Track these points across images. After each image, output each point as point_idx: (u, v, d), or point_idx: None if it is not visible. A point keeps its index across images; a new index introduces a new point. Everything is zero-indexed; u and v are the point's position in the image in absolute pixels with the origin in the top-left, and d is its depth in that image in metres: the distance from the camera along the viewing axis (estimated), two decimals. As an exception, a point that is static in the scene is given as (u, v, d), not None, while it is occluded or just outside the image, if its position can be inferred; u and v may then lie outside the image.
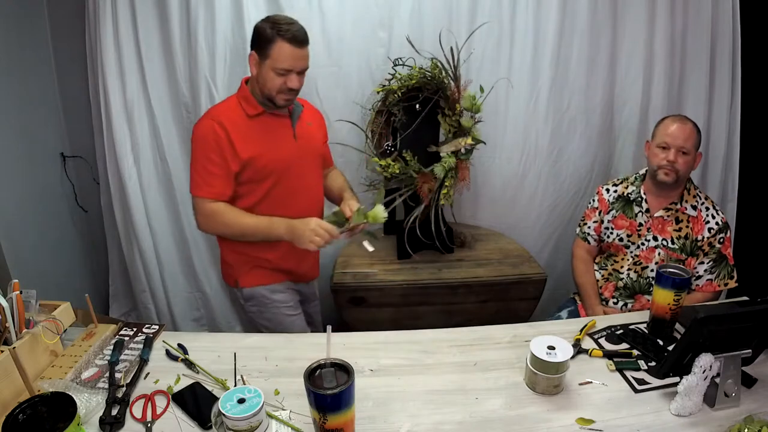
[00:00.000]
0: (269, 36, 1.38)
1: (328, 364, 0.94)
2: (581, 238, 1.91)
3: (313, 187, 1.65)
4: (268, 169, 1.50)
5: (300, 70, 1.44)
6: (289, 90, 1.44)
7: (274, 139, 1.52)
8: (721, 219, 1.64)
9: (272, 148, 1.50)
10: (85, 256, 2.57)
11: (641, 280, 1.73)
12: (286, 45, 1.38)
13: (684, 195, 1.67)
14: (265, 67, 1.41)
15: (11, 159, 2.06)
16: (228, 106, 1.52)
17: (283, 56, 1.39)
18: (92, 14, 2.09)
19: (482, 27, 2.11)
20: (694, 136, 1.61)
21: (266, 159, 1.49)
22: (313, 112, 1.71)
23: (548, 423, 1.05)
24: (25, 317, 1.14)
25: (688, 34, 2.21)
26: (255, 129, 1.49)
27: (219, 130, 1.44)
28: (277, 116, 1.53)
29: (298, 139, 1.56)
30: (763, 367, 1.18)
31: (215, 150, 1.45)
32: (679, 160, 1.60)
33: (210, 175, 1.47)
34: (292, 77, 1.42)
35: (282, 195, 1.54)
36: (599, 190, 1.86)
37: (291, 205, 1.55)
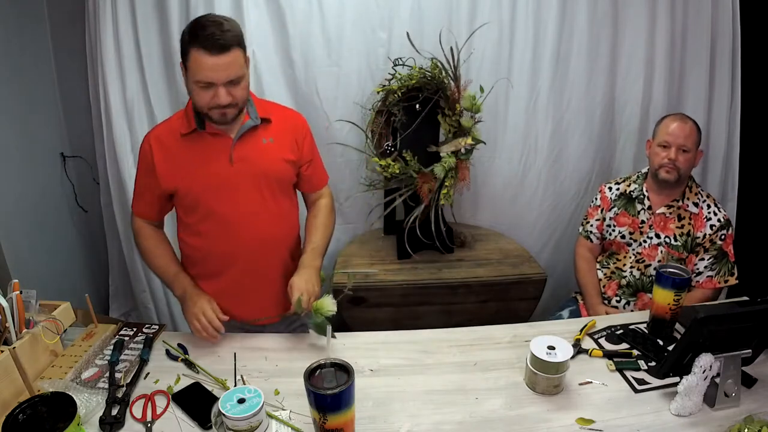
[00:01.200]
0: (185, 43, 1.17)
1: (328, 364, 0.94)
2: (584, 236, 1.92)
3: (260, 216, 1.36)
4: (192, 199, 1.32)
5: (226, 81, 1.18)
6: (221, 106, 1.21)
7: (202, 163, 1.30)
8: (723, 216, 1.65)
9: (198, 175, 1.30)
10: (85, 256, 2.57)
11: (644, 278, 1.74)
12: (200, 53, 1.14)
13: (686, 192, 1.68)
14: (189, 81, 1.21)
15: (11, 159, 2.06)
16: (169, 122, 1.37)
17: (198, 67, 1.15)
18: (92, 14, 2.09)
19: (482, 27, 2.11)
20: (695, 134, 1.62)
21: (189, 188, 1.31)
22: (287, 125, 1.41)
23: (548, 423, 1.05)
24: (25, 317, 1.14)
25: (688, 34, 2.21)
26: (183, 151, 1.30)
27: (147, 149, 1.32)
28: (214, 135, 1.30)
29: (235, 162, 1.30)
30: (763, 367, 1.18)
31: (143, 169, 1.35)
32: (679, 158, 1.61)
33: (138, 193, 1.40)
34: (218, 91, 1.18)
35: (216, 227, 1.34)
36: (602, 188, 1.87)
37: (229, 238, 1.35)
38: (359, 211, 2.40)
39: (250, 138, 1.33)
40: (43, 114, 2.27)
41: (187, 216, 1.37)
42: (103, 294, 2.63)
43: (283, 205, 1.42)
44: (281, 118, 1.40)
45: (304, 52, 2.13)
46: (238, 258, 1.37)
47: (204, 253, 1.39)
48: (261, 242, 1.37)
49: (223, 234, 1.35)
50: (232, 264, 1.38)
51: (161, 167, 1.31)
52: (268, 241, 1.39)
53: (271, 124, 1.36)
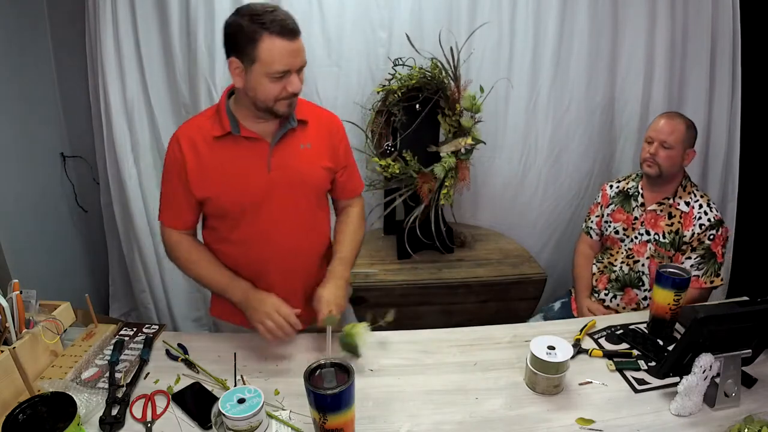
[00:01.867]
0: (251, 33, 1.08)
1: (328, 364, 0.94)
2: (585, 232, 1.95)
3: (291, 230, 1.30)
4: (224, 207, 1.25)
5: (299, 68, 1.15)
6: (292, 95, 1.16)
7: (238, 171, 1.22)
8: (714, 216, 1.63)
9: (233, 184, 1.22)
10: (85, 256, 2.57)
11: (632, 273, 1.75)
12: (276, 41, 1.08)
13: (678, 191, 1.68)
14: (255, 74, 1.11)
15: (11, 159, 2.06)
16: (200, 122, 1.26)
17: (275, 56, 1.09)
18: (92, 14, 2.09)
19: (482, 27, 2.11)
20: (681, 132, 1.62)
21: (222, 197, 1.23)
22: (323, 129, 1.33)
23: (548, 423, 1.05)
24: (25, 317, 1.14)
25: (688, 34, 2.21)
26: (217, 157, 1.21)
27: (177, 152, 1.22)
28: (250, 140, 1.22)
29: (272, 170, 1.23)
30: (763, 367, 1.18)
31: (174, 174, 1.24)
32: (660, 153, 1.62)
33: (171, 200, 1.28)
34: (292, 79, 1.13)
35: (248, 236, 1.27)
36: (603, 186, 1.91)
37: (261, 248, 1.28)
38: (359, 211, 2.40)
39: (287, 143, 1.25)
40: (43, 114, 2.27)
41: (217, 223, 1.30)
42: (103, 294, 2.63)
43: (317, 214, 1.35)
44: (317, 120, 1.31)
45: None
46: (269, 267, 1.30)
47: (232, 261, 1.31)
48: (293, 252, 1.31)
49: (255, 243, 1.27)
50: (263, 273, 1.30)
51: (193, 173, 1.21)
52: (301, 251, 1.33)
53: (307, 127, 1.28)
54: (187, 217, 1.30)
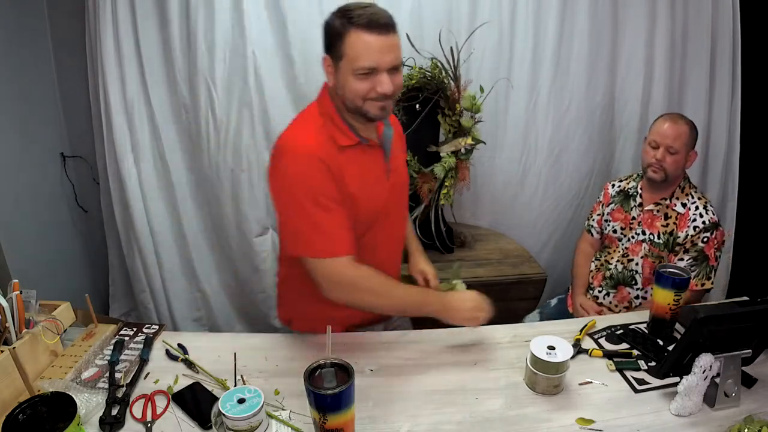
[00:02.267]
0: (338, 28, 1.04)
1: (328, 364, 0.94)
2: (586, 230, 1.96)
3: (400, 233, 1.34)
4: (360, 218, 1.17)
5: (390, 67, 1.07)
6: (383, 97, 1.08)
7: (368, 179, 1.17)
8: (710, 219, 1.62)
9: (366, 192, 1.16)
10: (85, 256, 2.57)
11: (626, 272, 1.77)
12: (362, 35, 1.02)
13: (676, 192, 1.68)
14: (342, 71, 1.07)
15: (11, 159, 2.06)
16: (314, 131, 1.13)
17: (360, 51, 1.03)
18: (92, 14, 2.09)
19: (482, 27, 2.11)
20: (686, 135, 1.61)
21: (358, 206, 1.16)
22: (397, 128, 1.31)
23: (548, 423, 1.05)
24: (25, 317, 1.14)
25: (688, 34, 2.21)
26: (348, 165, 1.13)
27: (323, 167, 1.09)
28: (371, 147, 1.18)
29: (390, 175, 1.22)
30: (763, 367, 1.18)
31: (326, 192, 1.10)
32: (666, 159, 1.62)
33: (332, 225, 1.11)
34: (380, 78, 1.06)
35: (368, 246, 1.21)
36: (606, 185, 1.91)
37: (376, 256, 1.22)
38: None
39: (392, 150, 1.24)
40: (43, 114, 2.27)
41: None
42: (103, 294, 2.63)
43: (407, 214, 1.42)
44: (393, 122, 1.28)
45: (304, 52, 2.13)
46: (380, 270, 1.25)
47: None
48: (398, 253, 1.36)
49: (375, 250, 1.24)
50: None
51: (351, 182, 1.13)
52: (400, 252, 1.38)
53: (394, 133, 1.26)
54: (353, 236, 1.14)
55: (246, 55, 2.09)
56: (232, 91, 2.15)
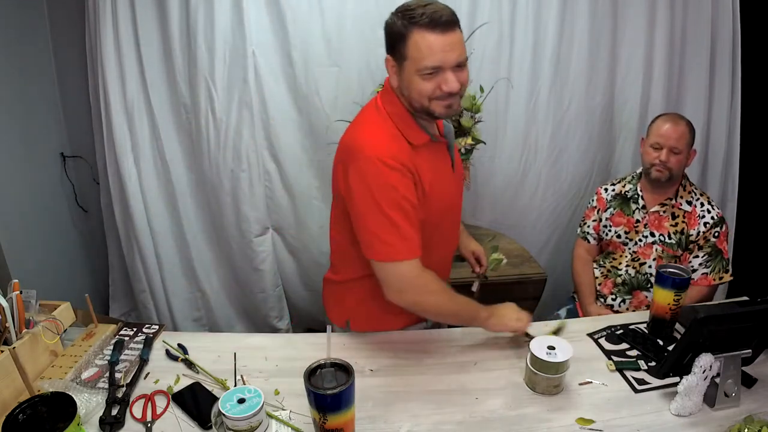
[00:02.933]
0: (400, 29, 1.05)
1: (328, 364, 0.94)
2: (581, 237, 1.93)
3: (458, 228, 1.36)
4: (433, 215, 1.18)
5: (456, 65, 1.06)
6: (448, 95, 1.07)
7: (439, 175, 1.18)
8: (717, 214, 1.65)
9: (438, 189, 1.17)
10: (85, 256, 2.57)
11: (639, 276, 1.75)
12: (424, 34, 1.02)
13: (679, 191, 1.68)
14: (407, 72, 1.07)
15: (11, 159, 2.06)
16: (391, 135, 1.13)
17: (424, 51, 1.03)
18: (92, 14, 2.09)
19: (482, 27, 2.11)
20: (687, 135, 1.62)
21: (435, 204, 1.18)
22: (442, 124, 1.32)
23: (548, 423, 1.05)
24: (25, 317, 1.14)
25: (688, 34, 2.21)
26: (423, 164, 1.14)
27: (406, 171, 1.10)
28: (439, 143, 1.20)
29: (456, 168, 1.24)
30: (763, 367, 1.18)
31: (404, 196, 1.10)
32: (671, 159, 1.62)
33: (406, 229, 1.11)
34: (446, 77, 1.05)
35: (436, 243, 1.22)
36: (598, 190, 1.88)
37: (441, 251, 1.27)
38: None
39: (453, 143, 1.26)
40: (43, 114, 2.27)
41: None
42: (103, 294, 2.63)
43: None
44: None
45: (304, 52, 2.13)
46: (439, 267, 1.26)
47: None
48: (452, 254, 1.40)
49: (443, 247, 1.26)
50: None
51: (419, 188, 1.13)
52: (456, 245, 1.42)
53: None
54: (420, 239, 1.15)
55: (246, 55, 2.09)
56: (232, 91, 2.15)
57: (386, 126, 1.15)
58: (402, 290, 1.15)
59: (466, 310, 1.22)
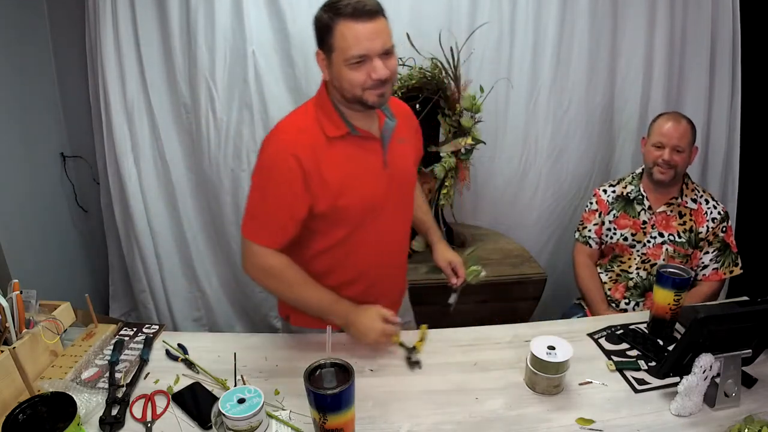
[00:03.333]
0: (327, 21, 1.07)
1: (328, 364, 0.94)
2: (582, 242, 1.90)
3: (401, 228, 1.32)
4: (350, 212, 1.18)
5: (382, 52, 1.07)
6: (379, 83, 1.08)
7: (360, 172, 1.17)
8: (722, 209, 1.68)
9: (357, 185, 1.16)
10: (85, 256, 2.57)
11: (651, 277, 1.74)
12: (349, 24, 1.03)
13: (683, 189, 1.69)
14: (336, 64, 1.08)
15: (11, 159, 2.06)
16: (304, 124, 1.16)
17: (350, 40, 1.04)
18: (92, 14, 2.09)
19: (482, 27, 2.11)
20: (689, 133, 1.63)
21: (348, 203, 1.16)
22: (407, 120, 1.32)
23: (548, 423, 1.05)
24: (25, 317, 1.14)
25: (688, 34, 2.21)
26: (336, 159, 1.14)
27: (294, 165, 1.10)
28: (364, 138, 1.18)
29: (388, 166, 1.21)
30: (763, 367, 1.18)
31: (285, 189, 1.13)
32: (674, 158, 1.62)
33: (273, 219, 1.16)
34: (374, 64, 1.06)
35: (362, 241, 1.23)
36: (596, 192, 1.86)
37: (376, 249, 1.26)
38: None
39: (391, 139, 1.22)
40: (43, 114, 2.27)
41: (328, 231, 1.22)
42: (103, 294, 2.63)
43: (412, 209, 1.38)
44: (401, 113, 1.29)
45: (304, 52, 2.13)
46: (373, 268, 1.28)
47: (331, 268, 1.27)
48: (399, 248, 1.34)
49: (370, 245, 1.25)
50: (365, 274, 1.29)
51: (317, 184, 1.13)
52: (403, 252, 1.37)
53: (398, 123, 1.24)
54: (292, 233, 1.19)
55: (246, 55, 2.09)
56: (232, 91, 2.15)
57: (304, 117, 1.18)
58: (250, 268, 1.21)
59: (315, 308, 1.23)
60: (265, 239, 1.18)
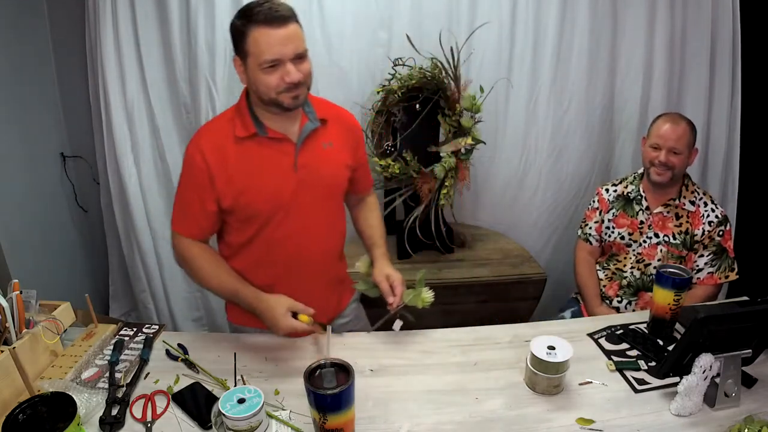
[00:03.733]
0: (240, 27, 1.10)
1: (328, 364, 0.94)
2: (583, 239, 1.91)
3: (319, 231, 1.31)
4: (256, 211, 1.23)
5: (294, 56, 1.11)
6: (293, 86, 1.12)
7: (265, 172, 1.21)
8: (720, 212, 1.65)
9: (262, 186, 1.21)
10: (85, 256, 2.57)
11: (644, 277, 1.74)
12: (261, 30, 1.07)
13: (682, 191, 1.68)
14: (251, 68, 1.12)
15: (11, 159, 2.06)
16: (219, 125, 1.24)
17: (262, 45, 1.08)
18: (92, 14, 2.09)
19: (482, 27, 2.11)
20: (687, 135, 1.61)
21: (251, 201, 1.21)
22: (345, 128, 1.33)
23: (548, 423, 1.05)
24: (25, 317, 1.14)
25: (688, 34, 2.21)
26: (243, 159, 1.20)
27: (200, 161, 1.18)
28: (275, 140, 1.21)
29: (299, 170, 1.22)
30: (763, 367, 1.18)
31: (195, 183, 1.21)
32: (671, 159, 1.62)
33: (187, 210, 1.25)
34: (287, 68, 1.10)
35: (277, 239, 1.26)
36: (599, 190, 1.87)
37: (290, 250, 1.28)
38: (359, 211, 2.40)
39: (311, 142, 1.24)
40: (43, 114, 2.27)
41: (242, 227, 1.27)
42: (103, 294, 2.63)
43: (337, 213, 1.37)
44: (337, 118, 1.31)
45: (303, 52, 2.13)
46: (292, 269, 1.30)
47: (254, 265, 1.29)
48: (318, 252, 1.32)
49: (282, 245, 1.27)
50: (285, 275, 1.30)
51: (221, 180, 1.19)
52: (324, 251, 1.34)
53: (327, 125, 1.27)
54: (206, 225, 1.26)
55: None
56: (233, 91, 2.15)
57: (221, 118, 1.26)
58: (174, 255, 1.31)
59: (226, 297, 1.30)
60: (183, 229, 1.27)
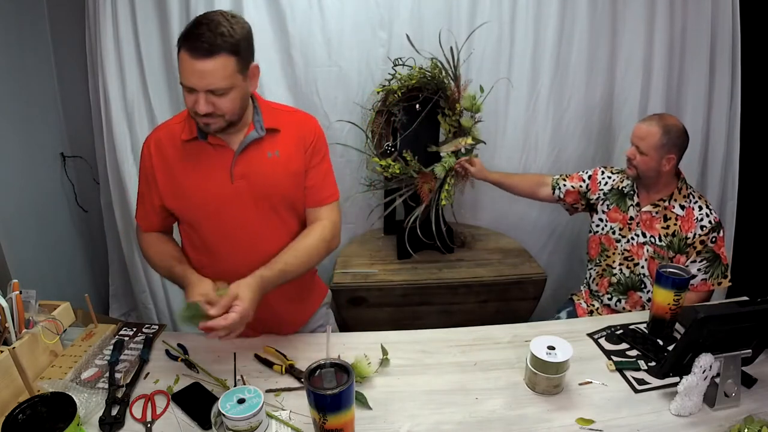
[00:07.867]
0: (178, 42, 1.07)
1: (328, 364, 0.94)
2: (553, 185, 1.95)
3: (257, 238, 1.25)
4: (190, 215, 1.24)
5: (207, 90, 1.06)
6: (203, 115, 1.09)
7: (201, 180, 1.20)
8: (714, 219, 1.62)
9: (197, 193, 1.20)
10: (85, 257, 2.57)
11: (633, 276, 1.74)
12: (184, 55, 1.04)
13: (674, 194, 1.66)
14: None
15: (11, 159, 2.06)
16: (172, 124, 1.25)
17: (181, 70, 1.06)
18: (92, 14, 2.09)
19: (482, 27, 2.11)
20: (654, 137, 1.59)
21: (187, 207, 1.23)
22: (294, 132, 1.26)
23: (548, 423, 1.05)
24: (24, 317, 1.14)
25: (688, 34, 2.21)
26: (182, 163, 1.20)
27: (147, 156, 1.23)
28: (216, 147, 1.19)
29: (236, 179, 1.19)
30: (763, 367, 1.18)
31: (143, 176, 1.27)
32: (636, 157, 1.63)
33: (140, 201, 1.31)
34: (197, 98, 1.07)
35: (214, 245, 1.26)
36: (596, 171, 1.86)
37: (228, 257, 1.25)
38: (359, 211, 2.40)
39: (253, 151, 1.20)
40: (43, 114, 2.27)
41: (186, 228, 1.30)
42: (103, 294, 2.63)
43: (290, 222, 1.29)
44: (290, 126, 1.26)
45: (304, 52, 2.14)
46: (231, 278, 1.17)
47: (200, 267, 1.25)
48: (259, 262, 1.19)
49: (219, 251, 1.26)
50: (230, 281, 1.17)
51: (161, 177, 1.22)
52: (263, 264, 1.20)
53: (279, 134, 1.23)
54: (154, 219, 1.31)
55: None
56: (232, 91, 2.15)
57: (174, 119, 1.27)
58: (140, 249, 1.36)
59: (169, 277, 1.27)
60: (139, 220, 1.34)
